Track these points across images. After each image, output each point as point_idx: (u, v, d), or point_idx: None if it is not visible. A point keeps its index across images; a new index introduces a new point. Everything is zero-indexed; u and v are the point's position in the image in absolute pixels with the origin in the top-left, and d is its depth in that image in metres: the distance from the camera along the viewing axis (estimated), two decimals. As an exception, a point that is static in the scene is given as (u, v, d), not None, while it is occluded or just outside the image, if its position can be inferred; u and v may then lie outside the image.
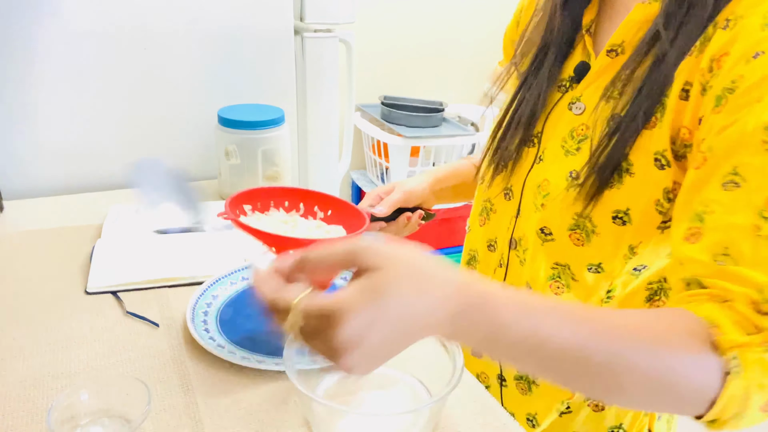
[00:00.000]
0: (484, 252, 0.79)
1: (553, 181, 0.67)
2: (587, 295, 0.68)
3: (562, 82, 0.71)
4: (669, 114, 0.59)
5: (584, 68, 0.68)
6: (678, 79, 0.58)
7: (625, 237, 0.63)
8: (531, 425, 0.76)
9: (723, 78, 0.54)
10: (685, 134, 0.58)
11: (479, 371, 0.81)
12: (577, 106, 0.68)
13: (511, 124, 0.74)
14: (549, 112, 0.71)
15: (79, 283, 0.85)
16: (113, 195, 1.16)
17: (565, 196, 0.65)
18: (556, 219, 0.67)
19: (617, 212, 0.62)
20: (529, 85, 0.73)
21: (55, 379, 0.67)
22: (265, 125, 1.11)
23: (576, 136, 0.67)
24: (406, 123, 2.09)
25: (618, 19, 0.67)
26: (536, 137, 0.72)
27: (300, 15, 1.31)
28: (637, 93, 0.60)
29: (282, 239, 0.64)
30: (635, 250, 0.64)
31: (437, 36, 2.33)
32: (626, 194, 0.61)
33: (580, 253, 0.66)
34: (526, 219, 0.71)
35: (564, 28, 0.71)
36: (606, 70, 0.66)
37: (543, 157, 0.70)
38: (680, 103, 0.58)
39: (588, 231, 0.64)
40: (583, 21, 0.70)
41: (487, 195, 0.78)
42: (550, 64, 0.71)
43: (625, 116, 0.61)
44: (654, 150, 0.60)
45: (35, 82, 1.10)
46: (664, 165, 0.59)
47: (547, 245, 0.68)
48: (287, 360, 0.60)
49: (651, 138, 0.60)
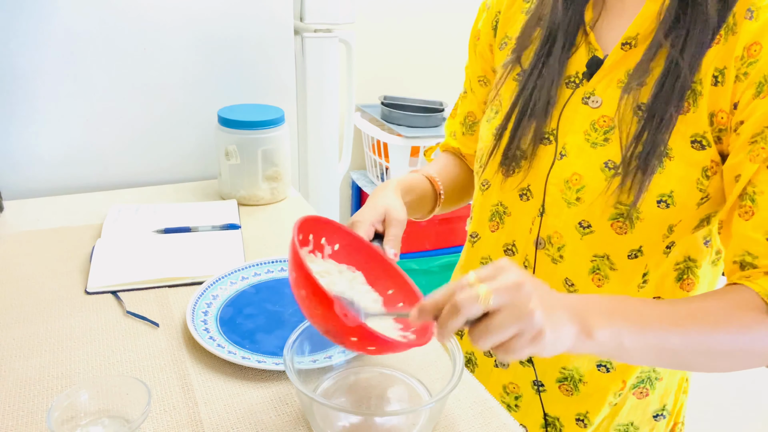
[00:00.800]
0: (501, 257, 0.77)
1: (587, 173, 0.67)
2: (626, 282, 0.69)
3: (570, 79, 0.71)
4: (705, 99, 0.62)
5: (595, 63, 0.69)
6: (707, 67, 0.62)
7: (669, 219, 0.65)
8: (582, 425, 0.75)
9: (762, 67, 0.59)
10: (722, 118, 0.62)
11: (506, 382, 0.80)
12: (593, 100, 0.69)
13: (519, 123, 0.73)
14: (562, 109, 0.71)
15: (79, 283, 0.85)
16: (113, 195, 1.16)
17: (605, 187, 0.66)
18: (596, 211, 0.67)
19: (662, 196, 0.64)
20: (533, 84, 0.72)
21: (55, 379, 0.67)
22: (265, 125, 1.11)
23: (599, 128, 0.67)
24: (406, 123, 2.09)
25: (620, 15, 0.69)
26: (551, 134, 0.71)
27: (300, 15, 1.31)
28: (661, 83, 0.63)
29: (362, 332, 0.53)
30: (673, 229, 0.65)
31: (437, 36, 2.33)
32: (669, 178, 0.63)
33: (622, 241, 0.67)
34: (556, 216, 0.70)
35: (567, 25, 0.71)
36: (619, 63, 0.67)
37: (566, 153, 0.69)
38: (713, 89, 0.62)
39: (632, 218, 0.65)
40: (585, 18, 0.71)
41: (498, 198, 0.77)
42: (556, 61, 0.71)
43: (653, 106, 0.63)
44: (691, 133, 0.63)
45: (35, 83, 1.10)
46: (705, 146, 0.63)
47: (586, 238, 0.68)
48: (287, 360, 0.60)
49: (686, 123, 0.63)
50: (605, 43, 0.70)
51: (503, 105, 0.76)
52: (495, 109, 0.78)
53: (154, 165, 1.24)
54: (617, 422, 0.76)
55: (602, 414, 0.75)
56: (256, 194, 1.14)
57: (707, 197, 0.64)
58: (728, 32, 0.61)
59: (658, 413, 0.76)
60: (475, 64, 0.87)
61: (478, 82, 0.87)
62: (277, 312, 0.80)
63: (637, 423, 0.76)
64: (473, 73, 0.87)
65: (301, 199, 1.19)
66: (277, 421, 0.62)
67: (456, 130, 0.92)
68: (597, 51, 0.70)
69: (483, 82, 0.86)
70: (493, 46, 0.83)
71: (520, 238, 0.75)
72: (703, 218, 0.66)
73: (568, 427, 0.76)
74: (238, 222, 1.05)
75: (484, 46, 0.84)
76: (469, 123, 0.89)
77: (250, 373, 0.69)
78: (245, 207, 1.14)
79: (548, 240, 0.72)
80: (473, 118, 0.89)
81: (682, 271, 0.69)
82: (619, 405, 0.75)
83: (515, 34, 0.77)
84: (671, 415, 0.78)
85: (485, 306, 0.48)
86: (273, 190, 1.16)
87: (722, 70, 0.61)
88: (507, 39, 0.80)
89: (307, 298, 0.53)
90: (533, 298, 0.49)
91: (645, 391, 0.75)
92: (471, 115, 0.89)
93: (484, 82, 0.86)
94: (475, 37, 0.86)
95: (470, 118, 0.89)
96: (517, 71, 0.76)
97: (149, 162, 1.24)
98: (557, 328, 0.50)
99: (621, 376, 0.73)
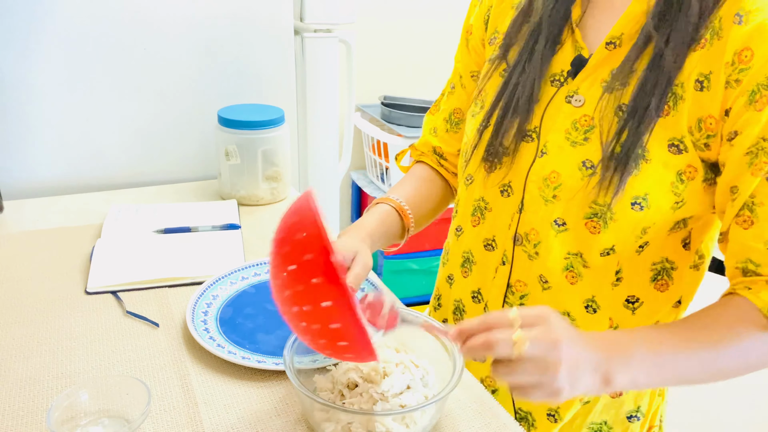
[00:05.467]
0: (481, 252, 0.79)
1: (565, 172, 0.67)
2: (599, 280, 0.69)
3: (554, 77, 0.71)
4: (685, 104, 0.61)
5: (580, 62, 0.69)
6: (690, 71, 0.61)
7: (643, 221, 0.64)
8: (553, 420, 0.76)
9: (755, 74, 0.58)
10: (711, 124, 0.61)
11: (484, 375, 0.80)
12: (576, 98, 0.68)
13: (503, 120, 0.72)
14: (545, 107, 0.70)
15: (79, 283, 0.85)
16: (113, 195, 1.16)
17: (581, 186, 0.66)
18: (571, 209, 0.67)
19: (636, 198, 0.63)
20: (516, 80, 0.72)
21: (55, 379, 0.67)
22: (265, 125, 1.11)
23: (580, 127, 0.67)
24: (406, 123, 2.10)
25: (607, 13, 0.69)
26: (534, 132, 0.71)
27: (300, 15, 1.31)
28: (642, 84, 0.63)
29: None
30: (647, 231, 0.65)
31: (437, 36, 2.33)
32: (644, 180, 0.63)
33: (595, 240, 0.67)
34: (534, 213, 0.71)
35: (553, 21, 0.71)
36: (603, 62, 0.67)
37: (546, 150, 0.69)
38: (698, 94, 0.61)
39: (606, 218, 0.65)
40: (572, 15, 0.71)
41: (481, 194, 0.77)
42: (539, 57, 0.71)
43: (633, 106, 0.63)
44: (669, 137, 0.62)
45: (35, 83, 1.10)
46: (682, 150, 0.62)
47: (561, 236, 0.69)
48: (287, 360, 0.60)
49: (665, 126, 0.62)
50: (591, 41, 0.69)
51: (487, 100, 0.76)
52: (480, 104, 0.77)
53: (154, 165, 1.24)
54: (591, 420, 0.76)
55: (573, 411, 0.75)
56: (256, 194, 1.14)
57: (682, 201, 0.64)
58: (714, 36, 0.60)
59: (632, 414, 0.76)
60: (468, 59, 0.85)
61: (471, 77, 0.85)
62: (277, 312, 0.80)
63: (611, 422, 0.76)
64: (465, 68, 0.86)
65: (301, 199, 1.19)
66: (277, 421, 0.62)
67: (438, 126, 0.90)
68: (583, 49, 0.69)
69: (476, 78, 0.85)
70: (484, 41, 0.82)
71: (500, 233, 0.76)
72: (678, 221, 0.66)
73: (540, 421, 0.76)
74: (238, 222, 1.05)
75: (476, 40, 0.83)
76: (455, 120, 0.88)
77: (250, 373, 0.69)
78: (245, 207, 1.14)
79: (525, 236, 0.72)
80: (460, 115, 0.87)
81: (658, 272, 0.69)
82: (592, 403, 0.75)
83: (504, 29, 0.77)
84: (646, 417, 0.77)
85: (517, 354, 0.52)
86: (273, 190, 1.16)
87: (708, 75, 0.60)
88: (496, 34, 0.79)
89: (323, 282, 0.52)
90: (563, 359, 0.52)
91: (618, 391, 0.75)
92: (458, 112, 0.88)
93: (477, 77, 0.84)
94: (467, 32, 0.85)
95: (457, 114, 0.88)
96: (503, 67, 0.75)
97: (149, 162, 1.24)
98: (576, 386, 0.54)
99: None
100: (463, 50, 0.87)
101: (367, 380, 0.62)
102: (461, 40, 0.87)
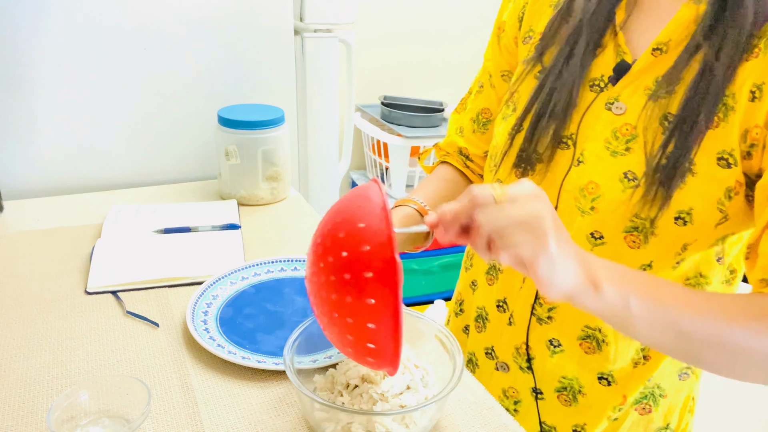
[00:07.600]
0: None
1: (604, 183, 0.64)
2: None
3: (594, 82, 0.67)
4: (737, 115, 0.58)
5: (623, 67, 0.66)
6: (743, 81, 0.58)
7: (685, 237, 0.62)
8: None
9: None
10: (756, 133, 0.58)
11: (506, 386, 0.78)
12: (617, 106, 0.65)
13: (537, 125, 0.69)
14: (583, 113, 0.67)
15: (79, 283, 0.85)
16: (113, 195, 1.16)
17: (623, 199, 0.63)
18: (610, 222, 0.64)
19: (680, 213, 0.61)
20: (552, 84, 0.68)
21: (55, 379, 0.67)
22: (265, 125, 1.11)
23: (621, 136, 0.64)
24: (406, 123, 2.10)
25: (653, 18, 0.65)
26: (570, 138, 0.67)
27: (300, 15, 1.31)
28: (692, 93, 0.60)
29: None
30: (687, 248, 0.63)
31: (437, 36, 2.33)
32: (689, 194, 0.60)
33: (633, 255, 0.64)
34: (567, 224, 0.66)
35: (595, 23, 0.67)
36: (648, 69, 0.64)
37: (583, 159, 0.66)
38: (750, 105, 0.58)
39: (647, 233, 0.62)
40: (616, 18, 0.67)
41: None
42: (578, 61, 0.67)
43: (682, 116, 0.60)
44: (718, 150, 0.59)
45: (35, 82, 1.10)
46: (731, 164, 0.59)
47: (597, 249, 0.65)
48: (287, 360, 0.60)
49: (714, 138, 0.59)
50: (635, 46, 0.66)
51: (520, 104, 0.73)
52: (512, 107, 0.74)
53: (154, 165, 1.24)
54: None
55: (600, 428, 0.73)
56: (256, 194, 1.14)
57: (726, 218, 0.61)
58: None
59: (661, 430, 0.74)
60: (499, 58, 0.81)
61: (501, 77, 0.81)
62: (277, 312, 0.80)
63: None
64: (496, 66, 0.82)
65: (301, 200, 1.19)
66: (277, 421, 0.62)
67: (464, 126, 0.86)
68: (626, 54, 0.66)
69: (507, 77, 0.81)
70: (517, 39, 0.78)
71: None
72: (719, 238, 0.63)
73: None
74: (238, 222, 1.05)
75: (509, 38, 0.79)
76: (483, 120, 0.84)
77: (250, 373, 0.69)
78: (245, 207, 1.14)
79: None
80: (488, 115, 0.84)
81: (692, 287, 0.66)
82: (620, 420, 0.73)
83: (540, 29, 0.73)
84: None
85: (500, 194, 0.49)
86: (273, 190, 1.16)
87: (760, 85, 0.57)
88: (531, 33, 0.75)
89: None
90: (548, 210, 0.49)
91: (648, 407, 0.73)
92: (486, 112, 0.84)
93: (509, 77, 0.81)
94: (499, 29, 0.81)
95: (485, 114, 0.84)
96: (539, 69, 0.72)
97: (149, 162, 1.24)
98: (563, 251, 0.49)
99: (622, 390, 0.71)
100: (494, 48, 0.82)
101: (367, 380, 0.62)
102: (492, 37, 0.83)
